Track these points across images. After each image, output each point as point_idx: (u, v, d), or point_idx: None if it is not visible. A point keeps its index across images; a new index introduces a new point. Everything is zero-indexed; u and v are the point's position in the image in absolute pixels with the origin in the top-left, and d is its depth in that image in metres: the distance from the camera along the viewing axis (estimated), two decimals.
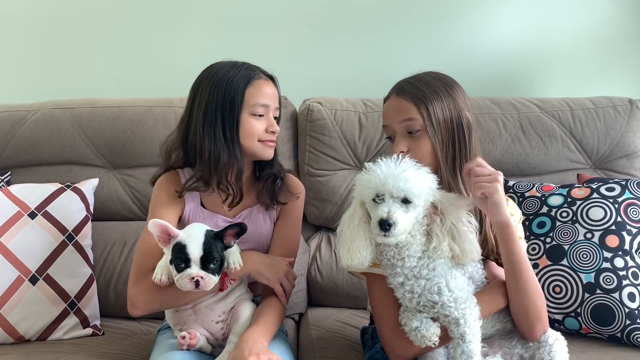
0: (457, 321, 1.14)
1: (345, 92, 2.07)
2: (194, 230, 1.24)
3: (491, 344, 1.27)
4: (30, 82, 2.22)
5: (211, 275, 1.21)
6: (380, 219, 1.11)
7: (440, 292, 1.15)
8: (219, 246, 1.24)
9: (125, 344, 1.59)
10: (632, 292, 1.55)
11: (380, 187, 1.13)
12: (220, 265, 1.24)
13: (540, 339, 1.21)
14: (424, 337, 1.15)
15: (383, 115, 1.35)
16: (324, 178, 1.91)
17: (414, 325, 1.16)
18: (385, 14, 2.24)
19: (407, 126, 1.28)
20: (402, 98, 1.30)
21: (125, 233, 1.85)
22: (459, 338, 1.14)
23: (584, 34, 2.28)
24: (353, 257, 1.17)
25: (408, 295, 1.17)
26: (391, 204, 1.12)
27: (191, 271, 1.19)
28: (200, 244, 1.21)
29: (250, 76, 1.39)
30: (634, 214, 1.63)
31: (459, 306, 1.14)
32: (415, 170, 1.15)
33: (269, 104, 1.40)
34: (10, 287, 1.57)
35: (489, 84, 2.24)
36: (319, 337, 1.63)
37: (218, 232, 1.26)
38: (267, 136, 1.40)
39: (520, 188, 1.78)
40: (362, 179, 1.17)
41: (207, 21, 2.22)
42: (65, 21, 2.21)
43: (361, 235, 1.17)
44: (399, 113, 1.29)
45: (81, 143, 1.90)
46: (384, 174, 1.13)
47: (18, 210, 1.65)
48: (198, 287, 1.20)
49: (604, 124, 1.95)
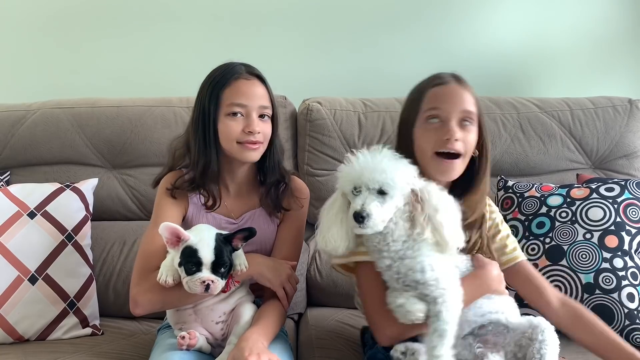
0: (436, 300, 1.15)
1: (344, 91, 2.07)
2: (205, 235, 1.25)
3: (485, 342, 1.27)
4: (30, 81, 2.22)
5: (220, 279, 1.22)
6: (355, 212, 1.13)
7: (423, 270, 1.16)
8: (229, 250, 1.26)
9: (124, 343, 1.59)
10: (632, 292, 1.55)
11: (356, 180, 1.15)
12: (230, 269, 1.26)
13: (532, 335, 1.21)
14: (408, 312, 1.16)
15: (436, 98, 1.31)
16: (324, 178, 1.91)
17: (399, 302, 1.18)
18: (384, 14, 2.24)
19: (465, 116, 1.30)
20: (466, 89, 1.32)
21: (125, 233, 1.85)
22: (434, 316, 1.15)
23: (583, 33, 2.28)
24: (327, 243, 1.21)
25: (395, 276, 1.19)
26: (367, 196, 1.14)
27: (202, 275, 1.21)
28: (212, 248, 1.22)
29: (229, 77, 1.39)
30: (633, 214, 1.63)
31: (439, 285, 1.16)
32: (392, 161, 1.17)
33: (247, 103, 1.38)
34: (10, 287, 1.57)
35: (489, 84, 2.24)
36: (319, 337, 1.63)
37: (227, 236, 1.27)
38: (244, 137, 1.37)
39: (519, 188, 1.78)
40: (342, 170, 1.20)
41: (206, 21, 2.22)
42: (65, 21, 2.21)
43: (338, 224, 1.21)
44: (462, 102, 1.30)
45: (80, 143, 1.90)
46: (360, 166, 1.16)
47: (17, 210, 1.65)
48: (208, 291, 1.21)
49: (603, 124, 1.95)
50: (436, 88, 1.32)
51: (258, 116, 1.39)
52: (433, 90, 1.32)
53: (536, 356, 1.18)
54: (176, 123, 1.91)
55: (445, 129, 1.28)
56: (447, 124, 1.28)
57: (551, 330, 1.21)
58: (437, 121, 1.29)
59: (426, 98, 1.32)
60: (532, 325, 1.22)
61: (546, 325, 1.21)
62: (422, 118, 1.31)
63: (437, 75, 1.35)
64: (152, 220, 1.42)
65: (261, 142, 1.39)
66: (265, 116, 1.41)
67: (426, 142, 1.29)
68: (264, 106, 1.40)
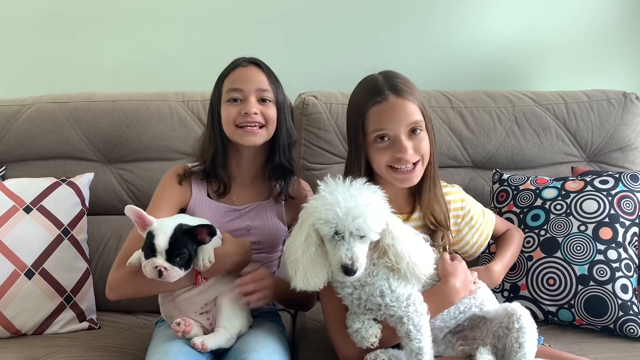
0: (401, 319, 1.16)
1: (340, 85, 2.06)
2: (166, 223, 1.27)
3: (465, 338, 1.28)
4: (25, 76, 2.22)
5: (176, 268, 1.23)
6: (345, 265, 1.11)
7: (382, 294, 1.17)
8: (188, 241, 1.25)
9: (121, 337, 1.60)
10: (625, 283, 1.56)
11: (340, 226, 1.11)
12: (188, 260, 1.26)
13: (509, 325, 1.21)
14: (363, 338, 1.19)
15: (379, 118, 1.28)
16: (319, 172, 1.91)
17: (355, 327, 1.20)
18: (380, 8, 2.23)
19: (413, 127, 1.28)
20: (406, 100, 1.28)
21: (121, 227, 1.85)
22: (405, 337, 1.16)
23: (578, 27, 2.28)
24: (310, 282, 1.17)
25: (356, 302, 1.20)
26: (352, 244, 1.11)
27: (155, 260, 1.22)
28: (167, 236, 1.23)
29: (230, 68, 1.46)
30: (627, 207, 1.64)
31: (401, 304, 1.16)
32: (371, 199, 1.14)
33: (243, 87, 1.42)
34: (6, 282, 1.57)
35: (484, 78, 2.25)
36: (315, 331, 1.63)
37: (189, 229, 1.26)
38: (241, 119, 1.40)
39: (514, 181, 1.79)
40: (317, 209, 1.14)
41: (202, 15, 2.21)
42: (60, 15, 2.20)
43: (319, 263, 1.16)
44: (406, 115, 1.27)
45: (76, 137, 1.89)
46: (342, 210, 1.10)
47: (13, 204, 1.65)
48: (161, 277, 1.23)
49: (598, 117, 1.95)
50: (376, 107, 1.28)
51: (258, 100, 1.42)
52: (374, 110, 1.28)
53: (515, 345, 1.19)
54: (172, 117, 1.91)
55: (396, 147, 1.27)
56: (398, 141, 1.27)
57: (527, 315, 1.22)
58: (387, 140, 1.28)
59: (369, 118, 1.28)
60: (508, 313, 1.22)
61: (522, 311, 1.22)
62: (371, 139, 1.29)
63: (373, 88, 1.30)
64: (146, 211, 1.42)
65: (263, 125, 1.42)
66: (266, 100, 1.43)
67: (381, 158, 1.29)
68: (262, 89, 1.43)
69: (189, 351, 1.25)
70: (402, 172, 1.28)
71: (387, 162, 1.28)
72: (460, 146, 1.92)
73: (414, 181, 1.31)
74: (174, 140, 1.90)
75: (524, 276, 1.64)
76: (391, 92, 1.28)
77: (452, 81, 2.19)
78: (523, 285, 1.63)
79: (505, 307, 1.25)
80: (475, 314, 1.28)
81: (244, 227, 1.48)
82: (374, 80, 1.33)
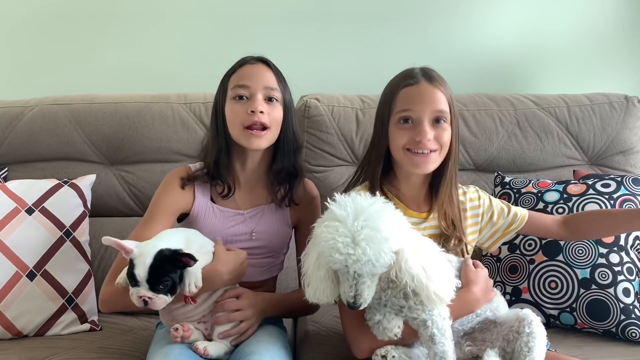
0: (425, 323, 1.15)
1: (342, 88, 2.07)
2: (145, 250, 1.19)
3: (474, 339, 1.28)
4: (28, 78, 2.22)
5: (161, 295, 1.18)
6: (348, 302, 1.10)
7: (406, 296, 1.15)
8: (170, 268, 1.19)
9: (123, 339, 1.60)
10: (627, 287, 1.56)
11: (350, 267, 1.07)
12: (173, 286, 1.20)
13: (519, 329, 1.21)
14: (385, 328, 1.17)
15: (407, 99, 1.29)
16: (322, 174, 1.91)
17: (376, 318, 1.18)
18: (382, 10, 2.24)
19: (438, 115, 1.29)
20: (437, 88, 1.30)
21: (123, 229, 1.85)
22: (428, 340, 1.15)
23: (580, 30, 2.28)
24: (320, 298, 1.16)
25: (376, 301, 1.17)
26: (358, 280, 1.08)
27: (139, 290, 1.18)
28: (146, 266, 1.17)
29: (236, 65, 1.42)
30: None
31: (425, 307, 1.14)
32: (383, 224, 1.07)
33: (249, 84, 1.37)
34: (8, 283, 1.57)
35: (486, 80, 2.25)
36: (316, 333, 1.63)
37: (170, 255, 1.19)
38: (248, 118, 1.34)
39: (516, 184, 1.79)
40: (323, 241, 1.09)
41: (204, 17, 2.21)
42: (63, 17, 2.20)
43: (329, 284, 1.14)
44: (433, 102, 1.29)
45: (78, 139, 1.90)
46: (346, 251, 1.05)
47: (15, 206, 1.65)
48: (147, 306, 1.19)
49: (600, 121, 1.96)
50: (407, 88, 1.30)
51: (266, 99, 1.38)
52: (404, 91, 1.30)
53: (524, 349, 1.19)
54: (174, 120, 1.91)
55: (417, 130, 1.27)
56: (420, 125, 1.28)
57: (538, 321, 1.22)
58: (410, 122, 1.29)
59: (398, 98, 1.30)
60: (519, 317, 1.22)
61: (533, 317, 1.22)
62: (395, 119, 1.30)
63: (408, 74, 1.33)
64: (143, 218, 1.42)
65: (268, 127, 1.37)
66: (273, 99, 1.39)
67: (399, 140, 1.29)
68: (269, 87, 1.38)
69: (190, 354, 1.24)
70: (418, 155, 1.28)
71: (405, 143, 1.29)
72: (462, 149, 1.92)
73: (429, 167, 1.30)
74: (176, 142, 1.90)
75: (525, 279, 1.64)
76: (424, 77, 1.31)
77: (454, 84, 2.16)
78: (525, 288, 1.63)
79: (516, 312, 1.25)
80: (487, 318, 1.28)
81: (248, 232, 1.45)
82: (410, 69, 1.36)
